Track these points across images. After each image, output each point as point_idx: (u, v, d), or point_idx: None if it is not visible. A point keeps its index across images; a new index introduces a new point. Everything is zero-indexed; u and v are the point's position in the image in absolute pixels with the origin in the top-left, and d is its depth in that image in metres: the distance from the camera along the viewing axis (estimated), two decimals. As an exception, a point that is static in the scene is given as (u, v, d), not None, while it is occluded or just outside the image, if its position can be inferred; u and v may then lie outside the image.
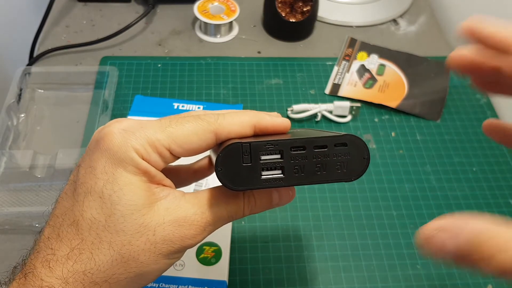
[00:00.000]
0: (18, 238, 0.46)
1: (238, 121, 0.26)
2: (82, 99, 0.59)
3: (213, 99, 0.60)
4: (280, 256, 0.46)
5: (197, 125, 0.26)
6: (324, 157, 0.24)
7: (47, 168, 0.49)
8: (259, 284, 0.45)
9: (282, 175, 0.24)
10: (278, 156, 0.24)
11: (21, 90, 0.56)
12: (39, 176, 0.49)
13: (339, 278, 0.45)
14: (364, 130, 0.58)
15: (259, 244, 0.47)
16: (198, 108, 0.57)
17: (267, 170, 0.24)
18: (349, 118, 0.59)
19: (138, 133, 0.25)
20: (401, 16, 0.74)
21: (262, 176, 0.24)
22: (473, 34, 0.26)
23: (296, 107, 0.58)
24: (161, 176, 0.26)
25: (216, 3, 0.68)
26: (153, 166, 0.25)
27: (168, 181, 0.27)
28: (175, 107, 0.57)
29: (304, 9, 0.66)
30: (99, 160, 0.25)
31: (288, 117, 0.58)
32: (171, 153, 0.26)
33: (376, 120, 0.60)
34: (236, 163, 0.24)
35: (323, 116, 0.58)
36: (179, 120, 0.26)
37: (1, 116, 0.52)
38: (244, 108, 0.59)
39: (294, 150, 0.24)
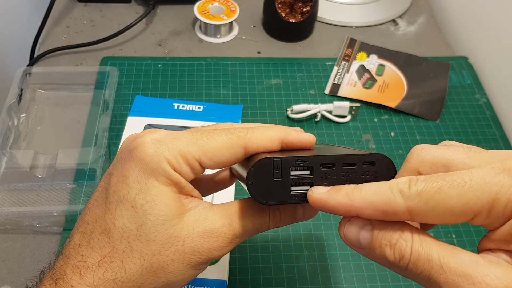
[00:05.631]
0: (19, 238, 0.47)
1: (267, 136, 0.27)
2: (82, 99, 0.59)
3: (213, 99, 0.60)
4: (280, 256, 0.47)
5: (228, 139, 0.26)
6: (352, 175, 0.24)
7: (47, 168, 0.49)
8: (259, 283, 0.45)
9: None
10: (308, 172, 0.25)
11: (21, 90, 0.56)
12: (39, 176, 0.49)
13: (339, 278, 0.46)
14: (364, 130, 0.59)
15: (259, 244, 0.47)
16: (198, 108, 0.57)
17: (297, 185, 0.25)
18: (348, 118, 0.59)
19: (171, 145, 0.25)
20: (400, 16, 0.74)
21: (292, 192, 0.25)
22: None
23: (296, 107, 0.58)
24: (190, 187, 0.27)
25: (216, 4, 0.68)
26: (183, 178, 0.26)
27: (196, 192, 0.28)
28: (175, 107, 0.57)
29: (304, 10, 0.66)
30: (132, 170, 0.25)
31: (287, 117, 0.58)
32: (201, 165, 0.26)
33: (375, 120, 0.60)
34: (267, 177, 0.24)
35: (323, 116, 0.58)
36: (210, 133, 0.27)
37: (2, 116, 0.52)
38: (244, 108, 0.59)
39: (323, 167, 0.24)
